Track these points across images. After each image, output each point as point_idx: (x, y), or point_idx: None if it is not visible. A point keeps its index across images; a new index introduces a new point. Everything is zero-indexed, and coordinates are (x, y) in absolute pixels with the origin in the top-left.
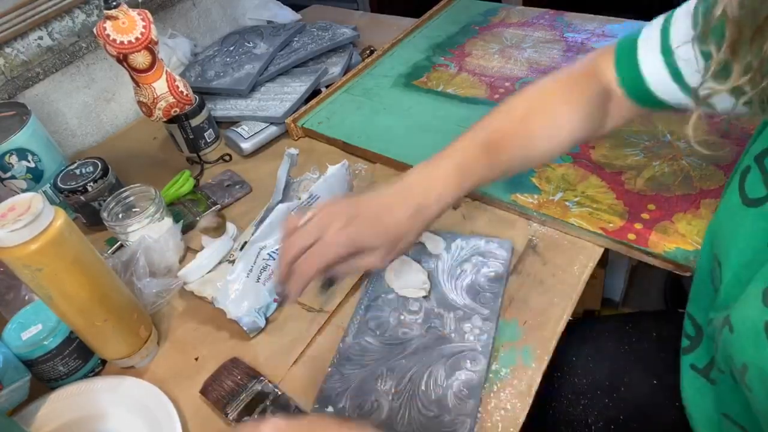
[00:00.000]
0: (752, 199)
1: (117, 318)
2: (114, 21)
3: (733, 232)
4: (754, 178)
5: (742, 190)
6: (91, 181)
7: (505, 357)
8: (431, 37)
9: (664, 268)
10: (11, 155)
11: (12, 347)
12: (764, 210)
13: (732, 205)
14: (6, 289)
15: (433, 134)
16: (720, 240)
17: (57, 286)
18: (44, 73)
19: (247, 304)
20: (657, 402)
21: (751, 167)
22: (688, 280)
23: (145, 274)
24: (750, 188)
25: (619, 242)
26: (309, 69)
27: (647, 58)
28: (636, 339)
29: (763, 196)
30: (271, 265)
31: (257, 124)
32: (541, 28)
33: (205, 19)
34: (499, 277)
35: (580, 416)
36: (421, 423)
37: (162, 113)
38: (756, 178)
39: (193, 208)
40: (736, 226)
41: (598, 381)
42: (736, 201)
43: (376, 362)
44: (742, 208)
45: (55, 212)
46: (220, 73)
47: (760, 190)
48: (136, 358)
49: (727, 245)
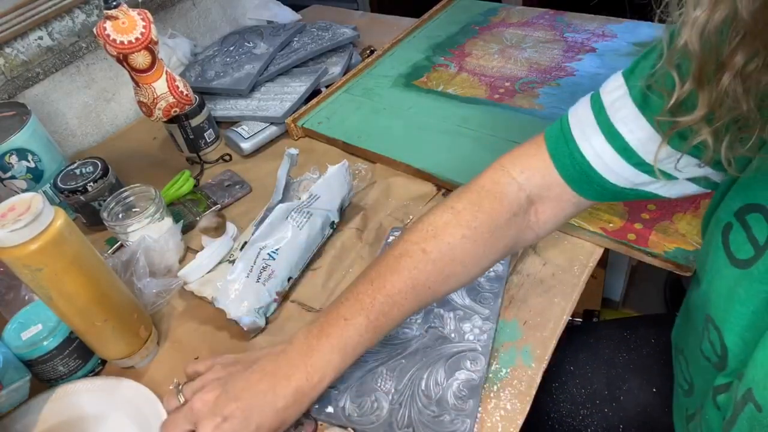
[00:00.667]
0: (741, 260)
1: (117, 318)
2: (114, 21)
3: (727, 297)
4: (739, 238)
5: (727, 250)
6: (91, 181)
7: (505, 357)
8: (431, 37)
9: (664, 268)
10: (11, 155)
11: (12, 347)
12: (756, 271)
13: (720, 267)
14: (6, 289)
15: (433, 134)
16: (714, 303)
17: (57, 286)
18: (44, 73)
19: (247, 304)
20: (656, 410)
21: (732, 224)
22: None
23: (145, 274)
24: (736, 249)
25: (619, 242)
26: (309, 69)
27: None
28: (634, 345)
29: (752, 256)
30: (271, 265)
31: (257, 124)
32: (541, 28)
33: (205, 19)
34: (499, 277)
35: (580, 427)
36: (421, 423)
37: (162, 113)
38: (741, 236)
39: (193, 208)
40: (729, 290)
41: (597, 390)
42: (723, 261)
43: (376, 362)
44: (732, 270)
45: (55, 212)
46: (220, 73)
47: (747, 250)
48: (136, 358)
49: (724, 309)
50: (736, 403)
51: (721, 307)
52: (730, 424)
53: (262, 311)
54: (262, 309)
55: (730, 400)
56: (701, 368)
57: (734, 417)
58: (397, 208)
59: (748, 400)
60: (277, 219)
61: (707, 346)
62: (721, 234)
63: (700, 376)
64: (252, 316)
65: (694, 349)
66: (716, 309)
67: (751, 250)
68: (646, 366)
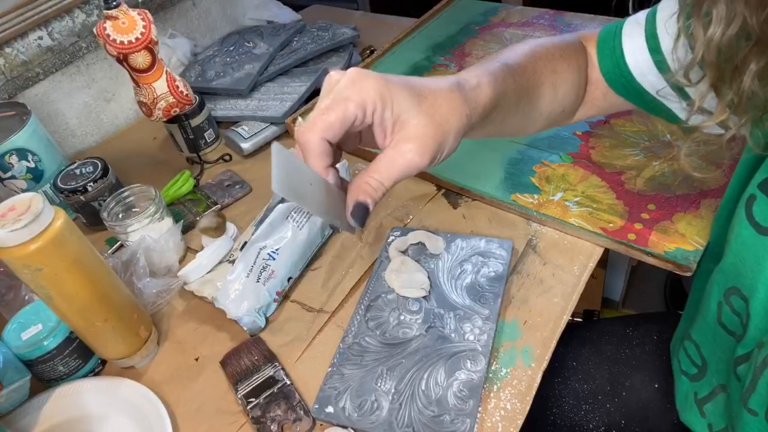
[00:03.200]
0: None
1: (117, 318)
2: (114, 21)
3: (755, 264)
4: (764, 207)
5: (752, 220)
6: (91, 181)
7: (505, 357)
8: (431, 37)
9: (664, 268)
10: (11, 155)
11: (12, 347)
12: None
13: (746, 238)
14: (6, 289)
15: None
16: (742, 272)
17: (57, 286)
18: (44, 73)
19: (247, 304)
20: (658, 406)
21: (756, 196)
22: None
23: (145, 274)
24: (761, 217)
25: (619, 242)
26: (309, 69)
27: (631, 43)
28: (636, 342)
29: None
30: (271, 265)
31: (257, 124)
32: (541, 28)
33: (205, 19)
34: (499, 277)
35: (582, 422)
36: (421, 423)
37: (162, 113)
38: (766, 206)
39: (193, 208)
40: (757, 257)
41: (599, 386)
42: (749, 232)
43: (376, 362)
44: (759, 238)
45: (55, 212)
46: (220, 73)
47: None
48: (136, 358)
49: (753, 277)
50: (756, 369)
51: (748, 276)
52: (750, 391)
53: (262, 311)
54: (262, 309)
55: (750, 369)
56: (720, 344)
57: (754, 383)
58: (397, 208)
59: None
60: (277, 219)
61: (730, 318)
62: (745, 207)
63: (719, 353)
64: (252, 316)
65: (708, 328)
66: (744, 279)
67: None
68: (648, 362)
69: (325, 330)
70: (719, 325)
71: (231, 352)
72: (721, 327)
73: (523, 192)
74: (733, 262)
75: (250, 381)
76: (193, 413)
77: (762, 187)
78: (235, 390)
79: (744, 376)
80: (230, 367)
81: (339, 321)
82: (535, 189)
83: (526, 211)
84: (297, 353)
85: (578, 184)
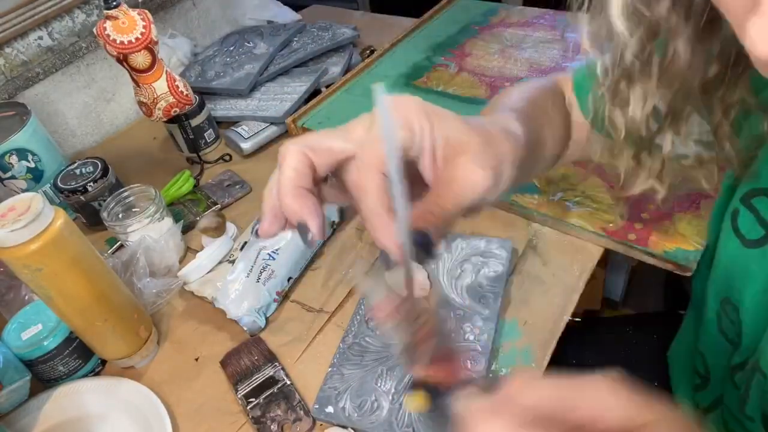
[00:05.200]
0: (752, 241)
1: (117, 318)
2: (114, 21)
3: (742, 276)
4: (747, 220)
5: (738, 233)
6: (91, 181)
7: (505, 357)
8: (431, 37)
9: (665, 268)
10: (11, 155)
11: (12, 347)
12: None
13: (732, 251)
14: (6, 289)
15: None
16: (731, 284)
17: (57, 286)
18: (44, 73)
19: (247, 304)
20: None
21: (740, 210)
22: (688, 280)
23: (145, 274)
24: (746, 230)
25: (619, 242)
26: (309, 69)
27: None
28: (636, 341)
29: (763, 236)
30: (271, 265)
31: (257, 124)
32: (541, 28)
33: (205, 19)
34: (499, 277)
35: None
36: (422, 423)
37: (162, 113)
38: (749, 219)
39: (193, 208)
40: (743, 269)
41: None
42: (735, 245)
43: (376, 362)
44: (744, 250)
45: (55, 212)
46: (220, 73)
47: (757, 230)
48: (136, 358)
49: (741, 289)
50: (749, 377)
51: (737, 287)
52: (744, 399)
53: (262, 311)
54: (262, 309)
55: (744, 378)
56: (719, 351)
57: (747, 390)
58: None
59: (756, 371)
60: None
61: (728, 327)
62: (730, 221)
63: (719, 360)
64: (252, 316)
65: (710, 334)
66: (733, 290)
67: (761, 230)
68: (648, 361)
69: (325, 330)
70: (720, 332)
71: (231, 352)
72: (722, 334)
73: (523, 192)
74: (723, 273)
75: (250, 381)
76: (193, 413)
77: (744, 200)
78: (235, 390)
79: (741, 385)
80: (230, 367)
81: (339, 321)
82: (535, 189)
83: (526, 211)
84: (297, 353)
85: (578, 184)
